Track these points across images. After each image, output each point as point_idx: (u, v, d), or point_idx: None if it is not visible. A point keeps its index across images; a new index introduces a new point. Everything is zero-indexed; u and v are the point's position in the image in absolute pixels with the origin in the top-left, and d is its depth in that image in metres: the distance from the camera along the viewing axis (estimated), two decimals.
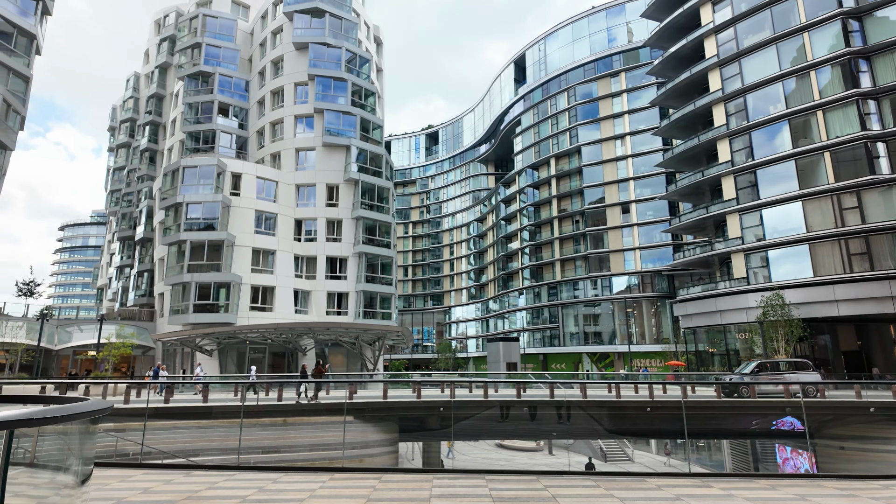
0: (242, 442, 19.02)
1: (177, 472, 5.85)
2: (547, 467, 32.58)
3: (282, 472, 5.86)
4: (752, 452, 26.92)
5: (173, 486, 5.05)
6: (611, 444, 36.33)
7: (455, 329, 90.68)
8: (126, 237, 59.62)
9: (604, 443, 35.85)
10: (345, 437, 13.41)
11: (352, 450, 19.48)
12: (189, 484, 5.10)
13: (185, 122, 47.67)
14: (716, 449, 37.94)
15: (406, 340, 43.39)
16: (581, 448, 39.33)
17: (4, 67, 37.09)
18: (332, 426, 19.32)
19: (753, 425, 20.30)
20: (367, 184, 44.77)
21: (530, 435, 30.94)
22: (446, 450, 33.74)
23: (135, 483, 5.20)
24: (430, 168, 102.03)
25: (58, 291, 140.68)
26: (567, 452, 39.24)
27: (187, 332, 35.05)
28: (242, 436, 19.09)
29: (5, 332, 33.57)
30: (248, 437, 19.20)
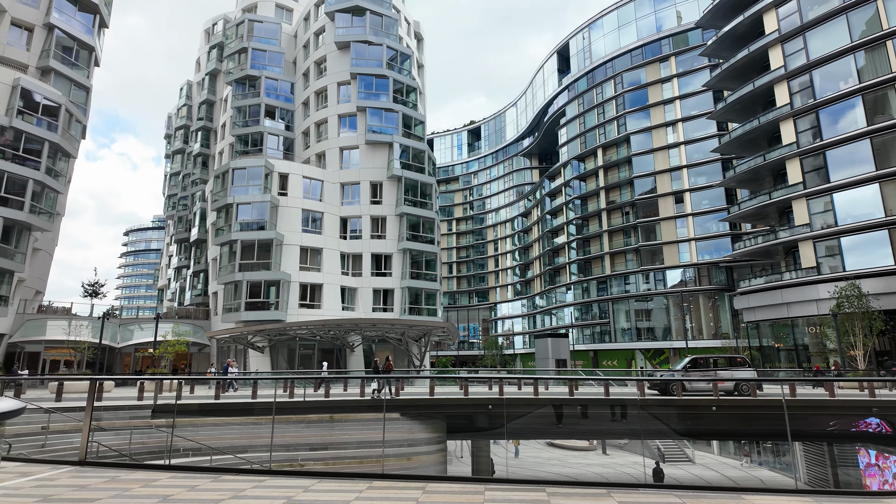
0: (291, 438, 19.09)
1: (204, 477, 5.51)
2: (602, 468, 31.36)
3: (315, 478, 5.41)
4: (830, 457, 24.88)
5: (196, 493, 4.71)
6: (668, 443, 34.63)
7: (501, 326, 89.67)
8: (182, 239, 62.05)
9: (661, 442, 34.22)
10: (384, 435, 13.01)
11: (399, 447, 19.17)
12: (213, 492, 4.75)
13: (234, 125, 48.96)
14: (782, 450, 35.57)
15: (452, 337, 42.94)
16: (636, 447, 37.76)
17: (67, 79, 39.04)
18: (379, 423, 19.07)
19: (832, 426, 18.56)
20: (410, 180, 44.57)
21: (584, 434, 29.83)
22: (504, 449, 33.05)
23: (156, 489, 4.88)
24: (472, 164, 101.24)
25: (123, 293, 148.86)
26: (622, 452, 37.77)
27: (239, 330, 35.88)
28: (291, 433, 19.16)
29: (72, 331, 35.39)
30: (297, 433, 19.23)
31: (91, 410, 6.99)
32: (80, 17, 40.10)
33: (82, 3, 40.06)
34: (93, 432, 15.67)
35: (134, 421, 17.20)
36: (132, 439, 15.84)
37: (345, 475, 5.56)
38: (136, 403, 18.12)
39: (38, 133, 34.93)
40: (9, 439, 13.91)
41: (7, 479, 5.64)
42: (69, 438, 15.51)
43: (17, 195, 33.67)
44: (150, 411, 17.75)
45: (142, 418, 17.79)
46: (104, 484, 5.39)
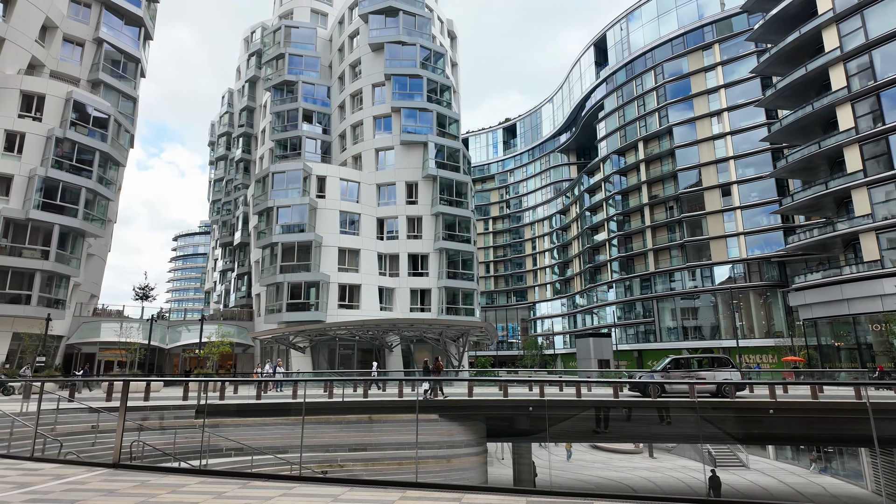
0: (330, 439, 19.07)
1: (232, 483, 5.31)
2: (650, 472, 30.21)
3: (346, 485, 5.12)
4: None
5: (223, 500, 4.51)
6: (720, 447, 33.06)
7: (540, 325, 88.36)
8: (226, 243, 63.84)
9: (712, 446, 32.70)
10: (418, 437, 12.67)
11: (437, 449, 18.88)
12: (240, 500, 4.54)
13: (273, 130, 49.95)
14: (848, 456, 33.44)
15: (490, 337, 42.42)
16: (685, 451, 36.28)
17: (115, 91, 40.66)
18: (418, 424, 18.82)
19: None
20: (446, 179, 44.33)
21: (634, 438, 28.81)
22: (547, 451, 32.25)
23: (183, 496, 4.69)
24: (508, 162, 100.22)
25: (173, 296, 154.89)
26: (670, 455, 36.37)
27: (281, 330, 36.47)
28: (330, 433, 19.14)
29: (123, 333, 36.80)
30: (336, 434, 19.21)
31: (124, 412, 6.95)
32: (126, 30, 41.73)
33: (128, 17, 41.67)
34: (139, 431, 16.07)
35: (179, 420, 17.53)
36: (176, 438, 16.11)
37: (377, 483, 5.26)
38: (180, 404, 18.48)
39: (90, 143, 36.48)
40: (61, 438, 14.32)
41: (39, 483, 5.61)
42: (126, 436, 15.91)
43: (72, 203, 35.26)
44: (193, 411, 18.07)
45: (186, 418, 18.13)
46: (132, 489, 5.27)
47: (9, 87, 34.48)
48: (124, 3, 41.10)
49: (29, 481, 5.73)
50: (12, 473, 6.21)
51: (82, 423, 16.70)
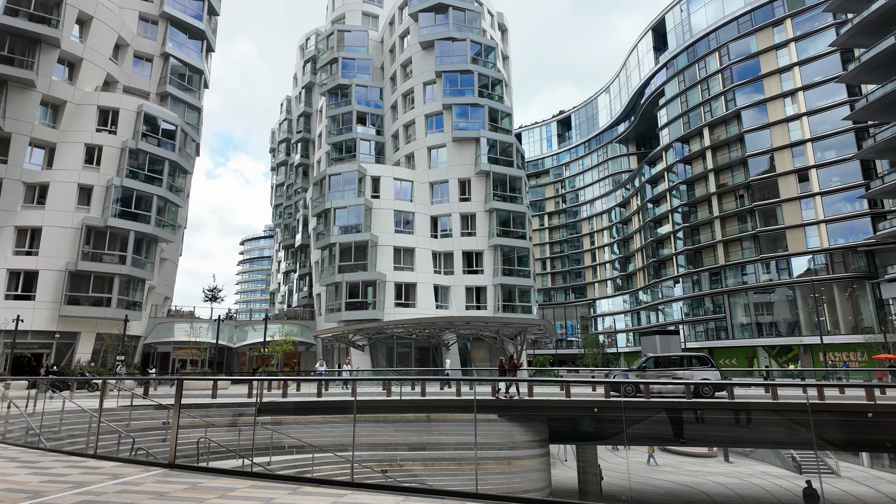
0: (389, 437, 18.93)
1: (282, 488, 5.05)
2: (726, 478, 28.29)
3: (400, 494, 4.71)
4: None
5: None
6: (805, 453, 30.48)
7: (601, 323, 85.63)
8: (288, 245, 65.97)
9: (797, 452, 30.21)
10: (476, 438, 12.16)
11: (498, 451, 18.33)
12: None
13: (329, 134, 50.99)
14: None
15: (549, 335, 41.34)
16: (765, 456, 33.81)
17: (182, 102, 42.72)
18: (478, 424, 18.35)
19: None
20: (499, 175, 43.59)
21: (706, 441, 27.06)
22: (612, 453, 30.84)
23: (231, 501, 4.47)
24: (563, 156, 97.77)
25: (242, 297, 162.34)
26: (747, 460, 34.02)
27: (340, 329, 37.07)
28: (389, 431, 19.01)
29: (193, 333, 38.62)
30: (395, 432, 19.08)
31: (178, 412, 6.90)
32: (190, 44, 43.78)
33: (191, 31, 43.68)
34: (206, 428, 16.51)
35: (243, 418, 17.91)
36: (240, 435, 16.43)
37: (434, 492, 4.84)
38: (244, 401, 18.90)
39: (160, 153, 38.50)
40: (135, 434, 14.84)
41: (96, 482, 5.57)
42: (186, 434, 16.40)
43: (145, 210, 37.34)
44: (255, 408, 18.42)
45: (249, 415, 18.52)
46: (182, 492, 5.10)
47: (87, 104, 36.95)
48: (187, 17, 43.12)
49: (86, 480, 5.72)
50: (73, 472, 6.26)
51: (155, 420, 17.41)
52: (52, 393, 17.02)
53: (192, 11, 43.70)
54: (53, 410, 13.24)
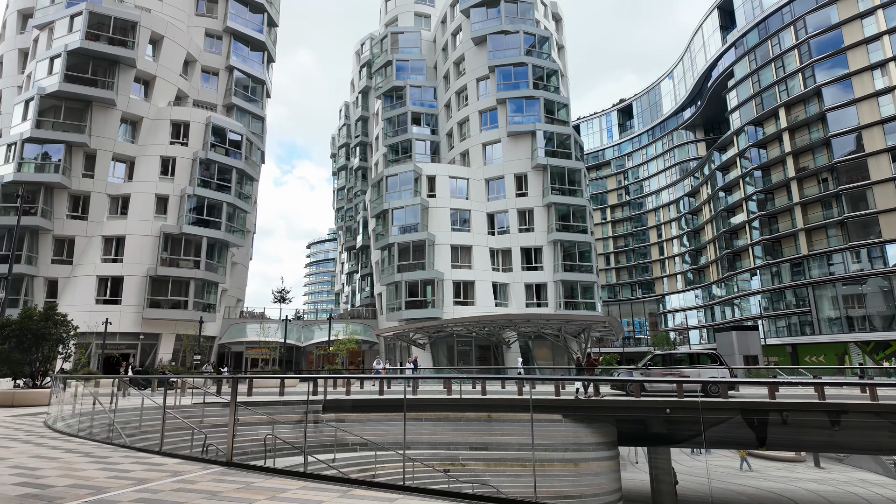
0: (450, 436, 18.72)
1: (334, 491, 4.92)
2: (817, 485, 26.08)
3: (455, 501, 4.39)
4: None
5: None
6: None
7: (672, 319, 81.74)
8: (350, 247, 67.60)
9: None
10: (534, 439, 11.66)
11: (563, 452, 17.66)
12: None
13: (385, 136, 51.68)
14: None
15: (615, 332, 39.75)
16: (863, 462, 30.86)
17: (246, 112, 44.62)
18: (539, 424, 17.79)
19: None
20: (557, 167, 42.45)
21: (796, 446, 25.01)
22: (686, 455, 29.16)
23: (280, 503, 4.25)
24: (625, 146, 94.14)
25: (309, 298, 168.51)
26: (841, 466, 31.18)
27: (401, 328, 37.40)
28: (449, 430, 18.80)
29: (263, 333, 40.25)
30: (455, 431, 18.85)
31: (234, 411, 6.94)
32: (252, 56, 45.67)
33: (253, 44, 45.55)
34: (273, 425, 16.97)
35: (309, 415, 18.27)
36: (306, 432, 16.73)
37: (491, 500, 4.50)
38: (310, 399, 19.29)
39: (228, 162, 40.39)
40: (207, 430, 15.41)
41: (156, 479, 5.64)
42: (255, 431, 16.93)
43: (216, 217, 39.29)
44: (321, 406, 18.75)
45: (314, 412, 18.89)
46: (234, 492, 5.05)
47: (161, 118, 39.35)
48: (249, 31, 45.01)
49: (148, 477, 5.82)
50: (138, 468, 6.42)
51: (226, 417, 18.10)
52: (134, 390, 18.12)
53: (253, 24, 45.59)
54: (132, 407, 13.99)
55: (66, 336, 18.70)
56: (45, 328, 17.36)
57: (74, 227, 36.59)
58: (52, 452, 7.86)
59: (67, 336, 18.67)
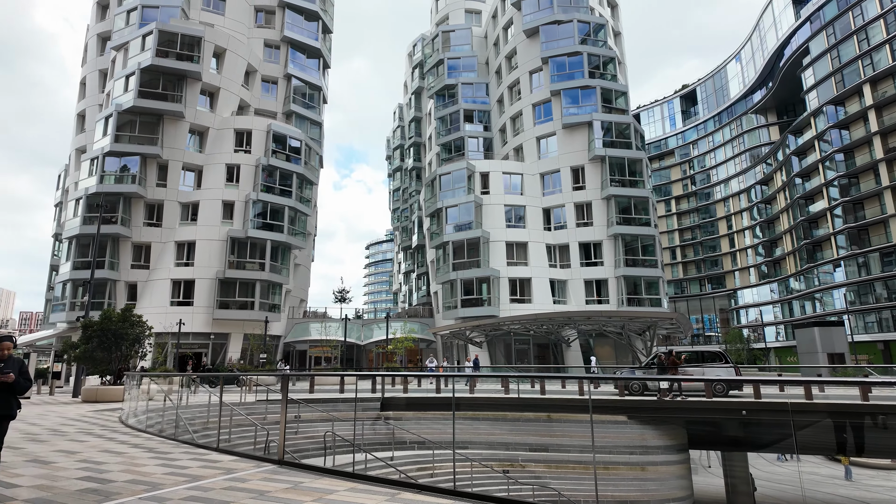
0: (508, 437, 18.31)
1: (381, 493, 4.77)
2: None
3: None
4: None
5: None
6: None
7: (745, 315, 77.00)
8: (406, 247, 68.29)
9: None
10: (594, 440, 11.06)
11: (629, 455, 16.84)
12: None
13: (437, 135, 51.73)
14: None
15: (683, 329, 37.71)
16: None
17: (304, 119, 45.92)
18: (602, 425, 17.04)
19: None
20: (616, 158, 40.86)
21: (891, 453, 22.77)
22: (764, 460, 27.00)
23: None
24: (690, 133, 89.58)
25: (369, 298, 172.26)
26: None
27: (457, 326, 37.23)
28: (507, 430, 18.39)
29: (324, 332, 41.27)
30: (514, 431, 18.42)
31: (285, 408, 6.91)
32: (308, 63, 46.96)
33: (309, 51, 46.83)
34: (332, 422, 17.20)
35: (365, 413, 18.43)
36: (364, 430, 16.86)
37: None
38: (367, 396, 19.45)
39: (288, 167, 41.70)
40: (269, 426, 15.79)
41: (209, 477, 5.67)
42: (315, 427, 17.24)
43: (278, 221, 40.67)
44: (378, 404, 18.87)
45: (373, 410, 19.03)
46: (282, 492, 4.97)
47: (226, 128, 41.18)
48: (305, 38, 46.31)
49: (202, 474, 5.86)
50: (194, 465, 6.51)
51: (290, 413, 18.56)
52: (203, 388, 18.94)
53: (308, 32, 46.87)
54: (200, 404, 14.54)
55: (142, 336, 19.77)
56: (123, 328, 18.42)
57: (150, 234, 38.95)
58: (119, 447, 8.20)
59: (143, 336, 19.73)
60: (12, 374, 5.05)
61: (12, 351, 5.35)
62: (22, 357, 6.78)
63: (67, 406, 17.09)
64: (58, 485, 5.32)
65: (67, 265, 37.73)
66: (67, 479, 5.67)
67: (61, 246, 42.91)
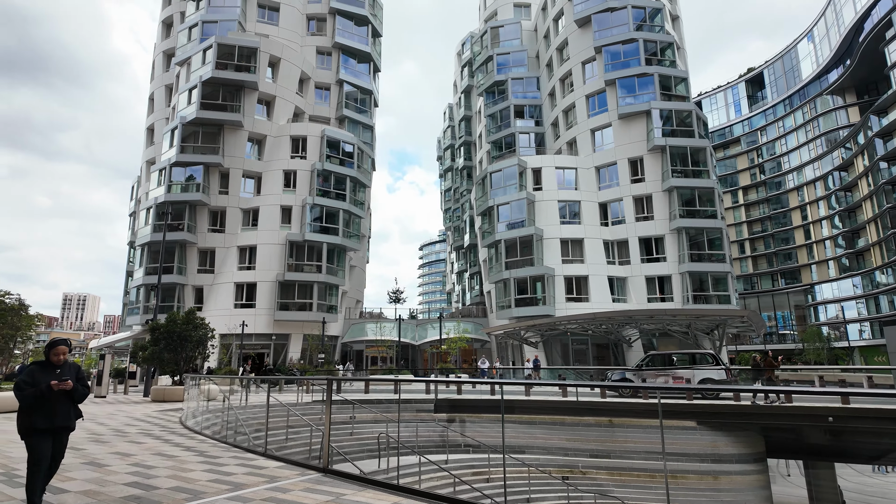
0: (567, 442, 17.56)
1: None
2: None
3: None
4: None
5: None
6: None
7: (824, 312, 71.44)
8: (458, 246, 68.09)
9: None
10: (664, 447, 10.22)
11: (699, 463, 15.71)
12: None
13: (488, 133, 51.15)
14: None
15: (755, 327, 35.21)
16: None
17: (356, 123, 46.60)
18: (669, 431, 15.99)
19: None
20: (677, 148, 38.81)
21: None
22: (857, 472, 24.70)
23: None
24: (757, 119, 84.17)
25: (423, 298, 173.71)
26: None
27: (512, 326, 36.53)
28: (566, 435, 17.63)
29: (380, 332, 41.66)
30: (573, 436, 17.66)
31: (329, 415, 6.68)
32: (359, 67, 47.63)
33: (360, 56, 47.49)
34: (386, 424, 17.10)
35: (420, 414, 18.23)
36: (418, 432, 16.64)
37: None
38: (421, 398, 19.26)
39: (342, 171, 42.42)
40: (323, 427, 15.81)
41: (252, 485, 5.51)
42: (370, 428, 17.20)
43: (333, 224, 41.43)
44: (432, 405, 18.62)
45: (427, 411, 18.81)
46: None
47: (282, 135, 42.40)
48: (355, 43, 47.01)
49: (245, 482, 5.72)
50: (240, 471, 6.40)
51: (343, 414, 18.67)
52: (261, 388, 19.38)
53: (358, 37, 47.56)
54: (255, 405, 14.77)
55: (205, 337, 20.46)
56: (187, 331, 19.11)
57: (214, 240, 40.66)
58: (172, 450, 8.29)
59: (206, 337, 20.42)
60: (70, 381, 4.89)
61: (68, 356, 5.17)
62: (79, 364, 6.63)
63: (137, 406, 17.93)
64: (105, 490, 5.33)
65: (140, 271, 40.01)
66: (115, 484, 5.69)
67: (135, 253, 45.63)
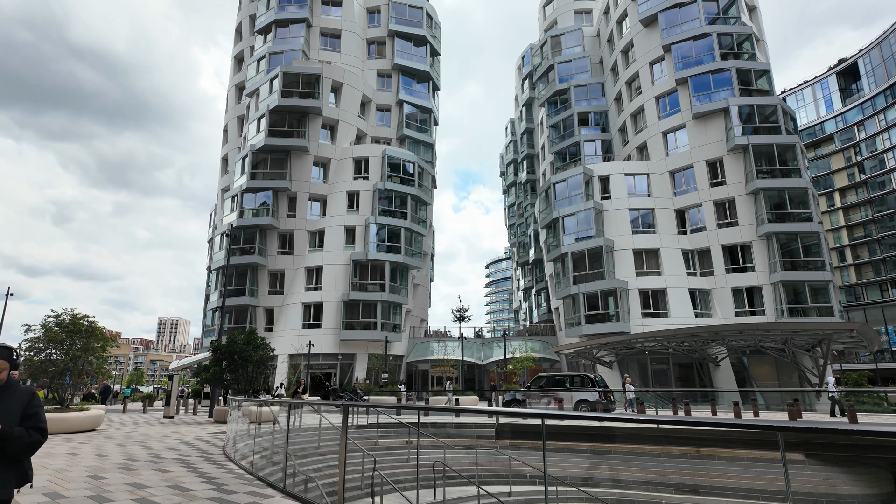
0: (649, 474, 15.55)
1: None
2: None
3: None
4: None
5: None
6: None
7: None
8: (524, 262, 66.29)
9: None
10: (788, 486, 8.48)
11: None
12: None
13: (551, 143, 49.62)
14: None
15: (868, 343, 30.84)
16: None
17: (416, 141, 46.73)
18: (768, 465, 13.69)
19: None
20: (761, 146, 35.45)
21: None
22: None
23: None
24: (852, 114, 76.53)
25: (490, 317, 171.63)
26: None
27: (583, 344, 34.38)
28: (648, 467, 15.64)
29: (445, 351, 40.72)
30: (655, 468, 15.64)
31: (345, 446, 5.73)
32: (418, 87, 47.93)
33: (419, 76, 47.83)
34: (444, 450, 15.96)
35: (480, 441, 16.96)
36: (478, 459, 15.38)
37: None
38: (480, 422, 17.99)
39: (403, 190, 42.45)
40: (376, 452, 14.95)
41: None
42: (427, 455, 16.14)
43: (395, 242, 41.37)
44: (493, 430, 17.30)
45: (488, 437, 17.50)
46: None
47: (345, 158, 43.16)
48: (414, 63, 47.43)
49: None
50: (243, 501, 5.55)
51: (402, 438, 17.74)
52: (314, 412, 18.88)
53: (417, 57, 47.98)
54: (308, 427, 14.16)
55: (265, 357, 20.39)
56: (247, 351, 19.07)
57: (283, 262, 41.73)
58: (193, 484, 7.66)
59: (266, 358, 20.35)
60: None
61: (14, 374, 3.23)
62: (33, 389, 3.37)
63: (196, 427, 17.98)
64: None
65: (216, 294, 41.70)
66: None
67: (212, 277, 47.87)
